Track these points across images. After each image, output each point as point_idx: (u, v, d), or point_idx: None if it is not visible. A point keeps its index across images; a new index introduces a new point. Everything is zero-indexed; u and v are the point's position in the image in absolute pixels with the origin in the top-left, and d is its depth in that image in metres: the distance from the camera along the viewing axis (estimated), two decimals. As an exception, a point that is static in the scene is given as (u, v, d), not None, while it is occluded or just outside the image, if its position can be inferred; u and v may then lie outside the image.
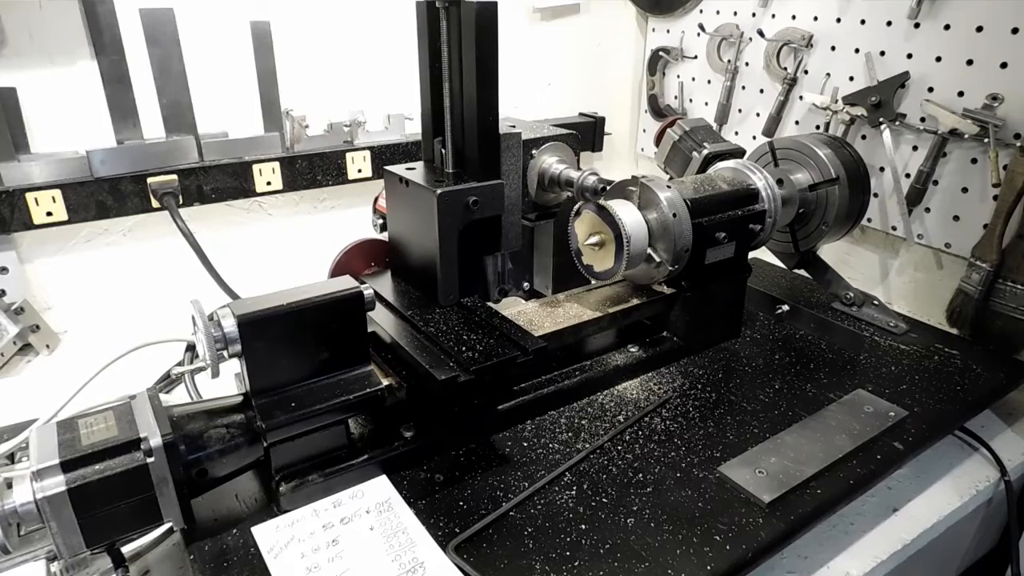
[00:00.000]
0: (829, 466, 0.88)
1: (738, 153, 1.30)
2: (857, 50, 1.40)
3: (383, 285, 1.04)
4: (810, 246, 1.26)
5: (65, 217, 1.26)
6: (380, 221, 1.16)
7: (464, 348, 0.86)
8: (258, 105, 1.43)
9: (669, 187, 1.04)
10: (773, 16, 1.55)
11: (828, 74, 1.46)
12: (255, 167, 1.41)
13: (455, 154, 0.98)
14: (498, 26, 0.90)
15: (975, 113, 1.21)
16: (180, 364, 1.15)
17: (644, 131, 1.98)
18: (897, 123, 1.33)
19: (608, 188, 1.03)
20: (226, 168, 1.39)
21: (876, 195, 1.40)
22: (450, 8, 0.91)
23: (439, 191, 0.90)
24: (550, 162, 1.07)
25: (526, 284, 1.19)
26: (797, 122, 1.56)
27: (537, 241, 1.16)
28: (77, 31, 1.25)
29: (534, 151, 1.05)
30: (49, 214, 1.25)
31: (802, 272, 1.34)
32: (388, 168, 1.00)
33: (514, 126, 1.04)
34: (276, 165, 1.44)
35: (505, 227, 1.01)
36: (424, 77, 0.99)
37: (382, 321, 0.94)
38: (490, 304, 1.01)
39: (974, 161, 1.25)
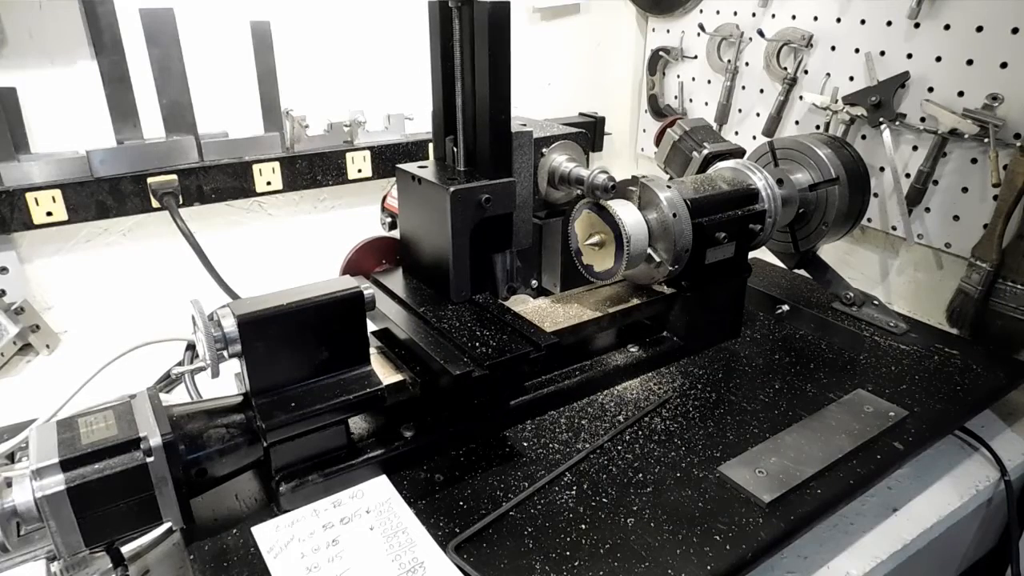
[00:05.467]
0: (829, 466, 0.88)
1: (738, 153, 1.30)
2: (857, 50, 1.40)
3: (395, 282, 1.05)
4: (810, 246, 1.26)
5: (65, 217, 1.26)
6: (388, 220, 1.17)
7: (477, 344, 0.86)
8: (258, 105, 1.43)
9: (669, 187, 1.04)
10: (773, 16, 1.55)
11: (828, 74, 1.46)
12: (255, 167, 1.41)
13: (467, 152, 0.99)
14: (510, 26, 0.90)
15: (975, 113, 1.21)
16: (180, 364, 1.15)
17: (644, 131, 1.98)
18: (897, 123, 1.33)
19: (616, 186, 1.04)
20: (226, 168, 1.39)
21: (876, 195, 1.40)
22: (462, 7, 0.92)
23: (452, 189, 0.90)
24: (560, 160, 1.07)
25: (534, 282, 1.19)
26: (797, 122, 1.56)
27: (546, 239, 1.17)
28: (77, 31, 1.25)
29: (544, 149, 1.06)
30: (49, 214, 1.25)
31: (802, 272, 1.34)
32: (400, 166, 1.01)
33: (525, 124, 1.05)
34: (276, 165, 1.44)
35: (516, 224, 1.01)
36: (436, 76, 1.00)
37: (395, 317, 0.94)
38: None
39: (974, 161, 1.25)
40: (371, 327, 0.96)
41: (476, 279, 0.98)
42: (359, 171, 1.54)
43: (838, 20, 1.43)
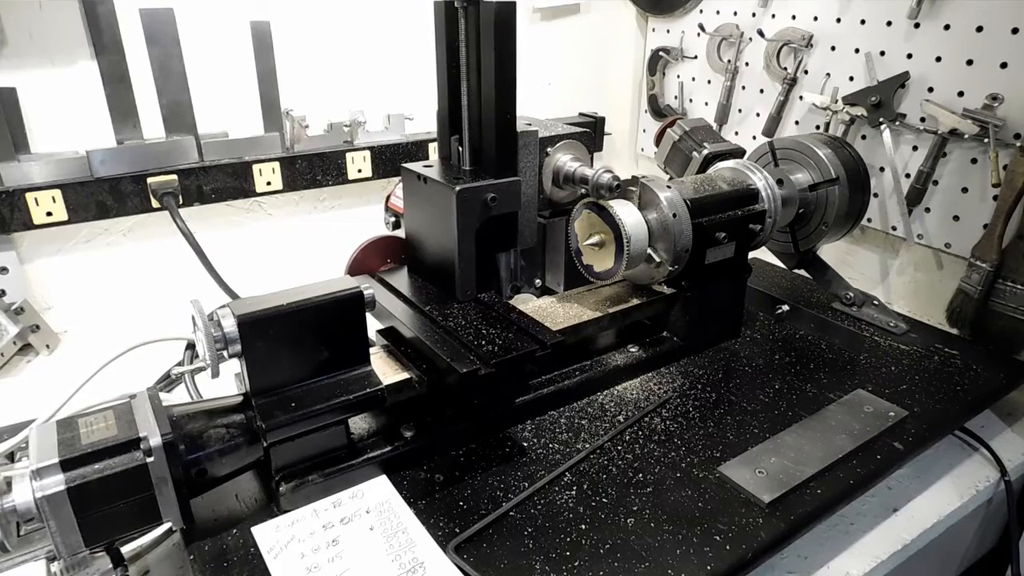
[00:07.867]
0: (829, 466, 0.88)
1: (738, 153, 1.30)
2: (857, 50, 1.40)
3: (400, 281, 1.05)
4: (810, 246, 1.26)
5: (65, 217, 1.26)
6: (392, 219, 1.17)
7: (483, 342, 0.86)
8: (258, 105, 1.43)
9: (669, 187, 1.04)
10: (773, 16, 1.55)
11: (828, 74, 1.46)
12: (255, 167, 1.41)
13: (472, 151, 0.99)
14: (516, 26, 0.90)
15: (975, 113, 1.21)
16: (180, 364, 1.15)
17: (644, 131, 1.98)
18: (897, 123, 1.33)
19: (620, 185, 1.04)
20: (226, 168, 1.39)
21: (876, 195, 1.40)
22: (468, 7, 0.92)
23: (458, 188, 0.90)
24: (564, 159, 1.07)
25: (538, 281, 1.19)
26: (797, 122, 1.56)
27: (550, 238, 1.17)
28: (77, 31, 1.25)
29: (549, 149, 1.06)
30: (49, 214, 1.25)
31: (802, 272, 1.34)
32: (405, 165, 1.01)
33: (530, 124, 1.05)
34: (276, 165, 1.44)
35: (521, 224, 1.02)
36: (441, 75, 1.00)
37: (401, 316, 0.94)
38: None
39: (974, 161, 1.25)
40: (377, 325, 0.97)
41: (481, 278, 0.98)
42: (359, 171, 1.54)
43: (838, 20, 1.43)
